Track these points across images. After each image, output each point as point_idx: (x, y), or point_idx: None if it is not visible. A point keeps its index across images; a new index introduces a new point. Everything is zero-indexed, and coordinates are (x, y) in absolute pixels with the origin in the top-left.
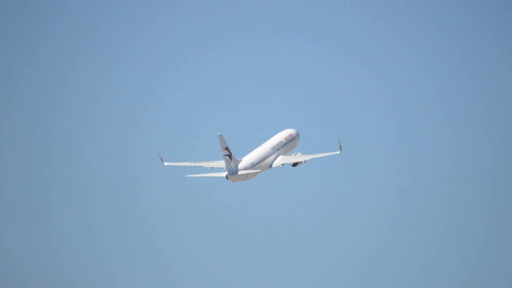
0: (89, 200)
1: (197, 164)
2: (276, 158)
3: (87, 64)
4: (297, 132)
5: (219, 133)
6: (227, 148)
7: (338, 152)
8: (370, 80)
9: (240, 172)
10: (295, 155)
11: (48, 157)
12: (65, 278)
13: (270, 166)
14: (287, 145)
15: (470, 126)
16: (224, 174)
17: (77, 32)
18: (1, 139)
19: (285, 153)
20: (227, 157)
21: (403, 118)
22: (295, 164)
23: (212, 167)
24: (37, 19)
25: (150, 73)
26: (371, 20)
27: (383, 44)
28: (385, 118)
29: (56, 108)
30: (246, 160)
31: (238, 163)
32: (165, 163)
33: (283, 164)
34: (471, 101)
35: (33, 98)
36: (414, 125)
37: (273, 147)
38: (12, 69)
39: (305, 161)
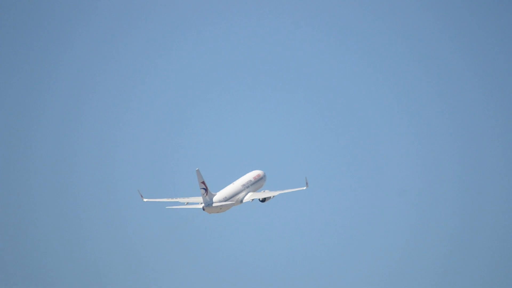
0: (76, 231)
1: (174, 199)
2: (246, 194)
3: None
4: (264, 173)
5: (197, 168)
6: (203, 182)
7: (305, 188)
8: (333, 117)
9: (214, 204)
10: (264, 192)
11: (27, 193)
12: None
13: (241, 201)
14: (255, 184)
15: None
16: (201, 206)
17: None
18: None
19: (254, 191)
20: (204, 190)
21: (368, 152)
22: (263, 200)
23: (187, 202)
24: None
25: (133, 114)
26: (334, 58)
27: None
28: (349, 153)
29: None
30: (220, 195)
31: (213, 197)
32: (145, 199)
33: (253, 200)
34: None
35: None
36: (379, 159)
37: (243, 185)
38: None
39: (273, 196)
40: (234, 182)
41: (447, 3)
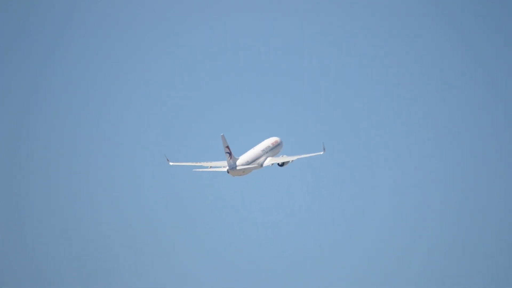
0: (106, 196)
1: (199, 163)
2: (265, 159)
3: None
4: (281, 140)
5: (222, 134)
6: (228, 147)
7: (322, 152)
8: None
9: (238, 167)
10: (282, 156)
11: (56, 160)
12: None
13: (261, 165)
14: (273, 150)
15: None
16: (225, 169)
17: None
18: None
19: (272, 156)
20: (228, 154)
21: (384, 119)
22: (282, 164)
23: (211, 166)
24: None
25: (161, 85)
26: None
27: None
28: (366, 120)
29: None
30: (243, 158)
31: (236, 160)
32: (171, 163)
33: (273, 164)
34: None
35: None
36: (394, 126)
37: (263, 150)
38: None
39: (292, 160)
40: (254, 148)
41: (444, 4)
